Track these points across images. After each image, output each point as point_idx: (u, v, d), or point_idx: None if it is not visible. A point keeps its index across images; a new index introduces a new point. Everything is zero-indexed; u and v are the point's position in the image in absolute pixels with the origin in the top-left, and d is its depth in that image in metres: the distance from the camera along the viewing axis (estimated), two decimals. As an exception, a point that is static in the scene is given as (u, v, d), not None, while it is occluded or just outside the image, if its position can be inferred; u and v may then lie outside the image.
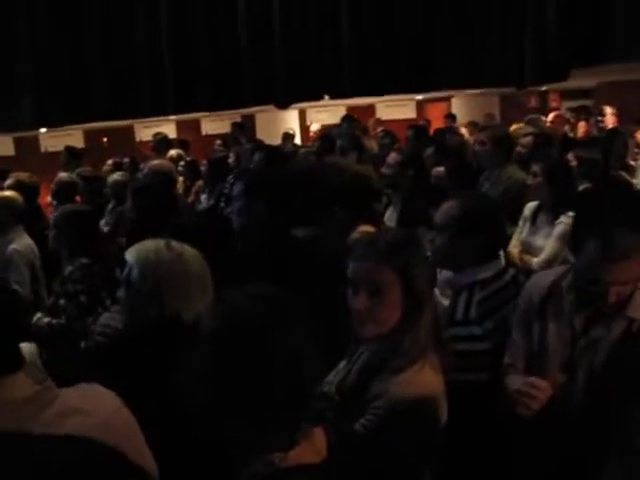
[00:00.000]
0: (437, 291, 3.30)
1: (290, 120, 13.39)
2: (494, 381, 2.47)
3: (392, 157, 4.85)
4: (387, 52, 9.02)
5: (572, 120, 8.56)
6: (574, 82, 10.75)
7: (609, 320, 2.16)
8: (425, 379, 1.92)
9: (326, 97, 9.99)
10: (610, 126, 6.99)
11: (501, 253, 3.22)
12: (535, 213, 4.16)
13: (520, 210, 4.31)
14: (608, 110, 7.12)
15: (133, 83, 10.09)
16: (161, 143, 8.49)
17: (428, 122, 10.93)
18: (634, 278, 2.08)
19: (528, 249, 4.12)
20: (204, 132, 13.63)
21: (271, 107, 10.74)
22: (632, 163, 6.21)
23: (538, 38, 8.11)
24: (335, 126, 8.78)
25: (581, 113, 8.26)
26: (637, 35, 7.23)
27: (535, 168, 4.19)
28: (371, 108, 12.95)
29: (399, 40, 9.00)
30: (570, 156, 4.78)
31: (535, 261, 3.97)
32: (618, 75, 10.55)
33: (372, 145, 7.49)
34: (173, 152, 8.09)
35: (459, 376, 2.46)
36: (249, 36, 9.83)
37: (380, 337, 1.99)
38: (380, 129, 8.77)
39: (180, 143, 9.56)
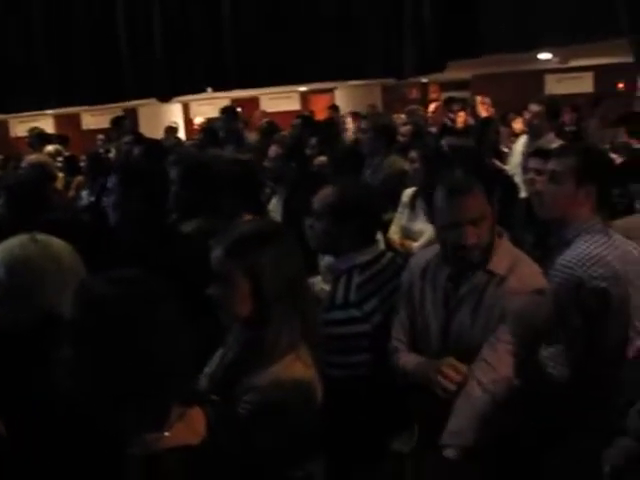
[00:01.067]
0: (319, 278, 3.35)
1: (174, 114, 13.20)
2: (376, 362, 2.56)
3: (273, 150, 4.85)
4: (270, 43, 9.00)
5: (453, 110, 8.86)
6: (452, 74, 11.12)
7: (472, 276, 2.36)
8: (295, 371, 1.93)
9: (209, 90, 9.86)
10: (484, 115, 7.29)
11: (380, 238, 3.32)
12: (413, 199, 4.29)
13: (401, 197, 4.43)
14: (479, 100, 7.42)
15: (10, 77, 9.64)
16: (37, 139, 8.15)
17: (312, 113, 11.03)
18: (482, 218, 2.29)
19: (408, 234, 4.24)
20: (84, 127, 13.24)
21: (154, 100, 10.51)
22: (505, 150, 6.50)
23: (416, 31, 8.30)
24: (219, 119, 8.70)
25: (454, 104, 8.56)
26: (508, 29, 7.54)
27: (412, 154, 4.33)
28: (255, 100, 12.94)
29: (281, 31, 9.00)
30: (444, 143, 4.95)
31: (415, 245, 4.09)
32: (493, 67, 11.02)
33: (254, 137, 7.51)
34: (50, 147, 7.77)
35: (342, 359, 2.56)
36: (129, 28, 9.56)
37: (241, 329, 2.01)
38: (264, 120, 8.78)
39: (59, 138, 9.21)
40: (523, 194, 4.32)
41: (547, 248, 2.87)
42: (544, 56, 8.97)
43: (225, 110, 7.53)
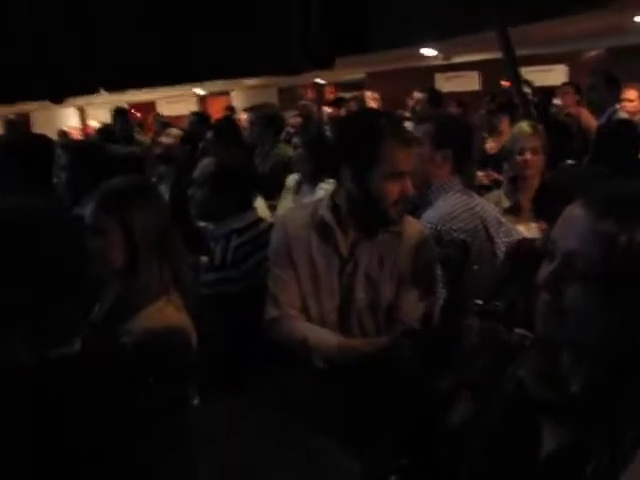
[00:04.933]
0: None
1: (69, 118, 12.99)
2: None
3: (166, 136, 5.03)
4: (154, 43, 8.98)
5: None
6: (347, 74, 11.44)
7: (374, 239, 2.32)
8: (167, 314, 2.04)
9: (102, 91, 9.74)
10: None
11: (263, 206, 3.47)
12: (298, 183, 4.46)
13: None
14: (368, 95, 7.67)
15: None
16: None
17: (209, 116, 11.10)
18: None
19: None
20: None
21: (48, 103, 10.31)
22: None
23: (304, 28, 8.47)
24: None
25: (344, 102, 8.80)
26: (395, 26, 7.79)
27: (296, 140, 4.50)
28: (152, 104, 12.88)
29: (164, 29, 8.99)
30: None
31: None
32: (385, 65, 11.39)
33: (147, 139, 7.67)
34: None
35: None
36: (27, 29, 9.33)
37: (115, 277, 2.11)
38: (161, 121, 8.83)
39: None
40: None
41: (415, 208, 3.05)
42: (428, 52, 9.33)
43: (118, 111, 7.62)
